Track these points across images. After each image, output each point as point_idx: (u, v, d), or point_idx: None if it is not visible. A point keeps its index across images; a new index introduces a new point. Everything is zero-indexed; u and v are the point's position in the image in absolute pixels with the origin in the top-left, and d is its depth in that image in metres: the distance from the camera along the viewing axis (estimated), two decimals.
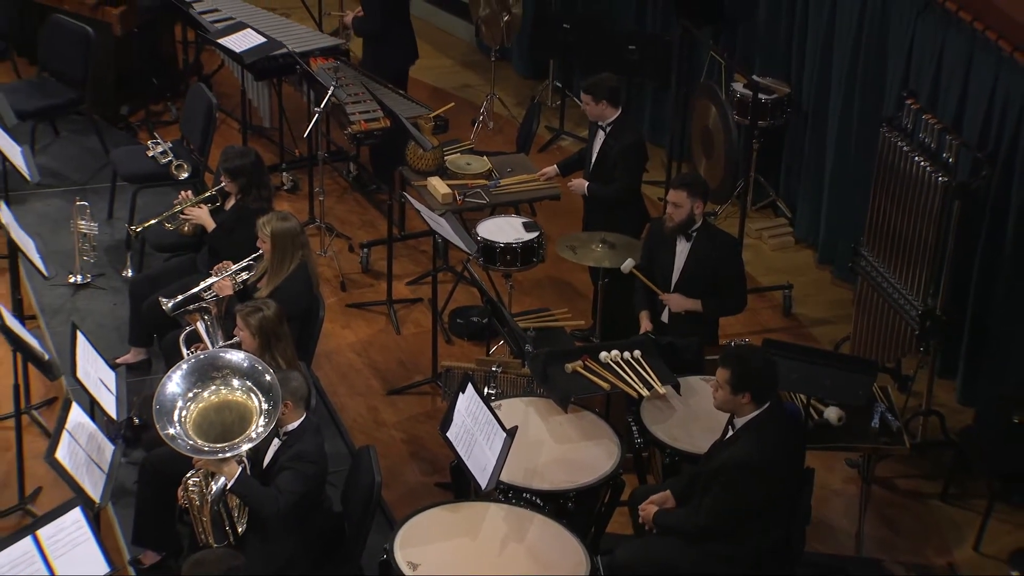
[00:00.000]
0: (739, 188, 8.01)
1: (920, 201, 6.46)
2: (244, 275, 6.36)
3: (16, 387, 6.08)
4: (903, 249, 6.61)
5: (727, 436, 5.37)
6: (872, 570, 6.08)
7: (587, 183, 7.11)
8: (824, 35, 7.69)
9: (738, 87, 7.97)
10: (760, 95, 7.74)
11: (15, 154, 7.09)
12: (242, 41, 8.11)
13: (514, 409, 5.88)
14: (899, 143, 6.55)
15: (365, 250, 7.98)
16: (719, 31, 8.43)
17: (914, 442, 6.52)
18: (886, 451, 6.08)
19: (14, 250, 6.54)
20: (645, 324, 6.51)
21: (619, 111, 7.02)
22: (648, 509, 5.41)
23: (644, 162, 7.17)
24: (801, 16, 7.89)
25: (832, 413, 5.97)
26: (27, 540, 4.79)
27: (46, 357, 5.98)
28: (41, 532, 4.83)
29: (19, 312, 6.59)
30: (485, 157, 7.66)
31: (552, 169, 7.43)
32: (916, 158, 6.46)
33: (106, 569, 4.91)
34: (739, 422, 5.31)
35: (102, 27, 8.53)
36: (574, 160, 7.44)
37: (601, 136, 7.07)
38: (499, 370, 6.38)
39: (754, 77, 7.79)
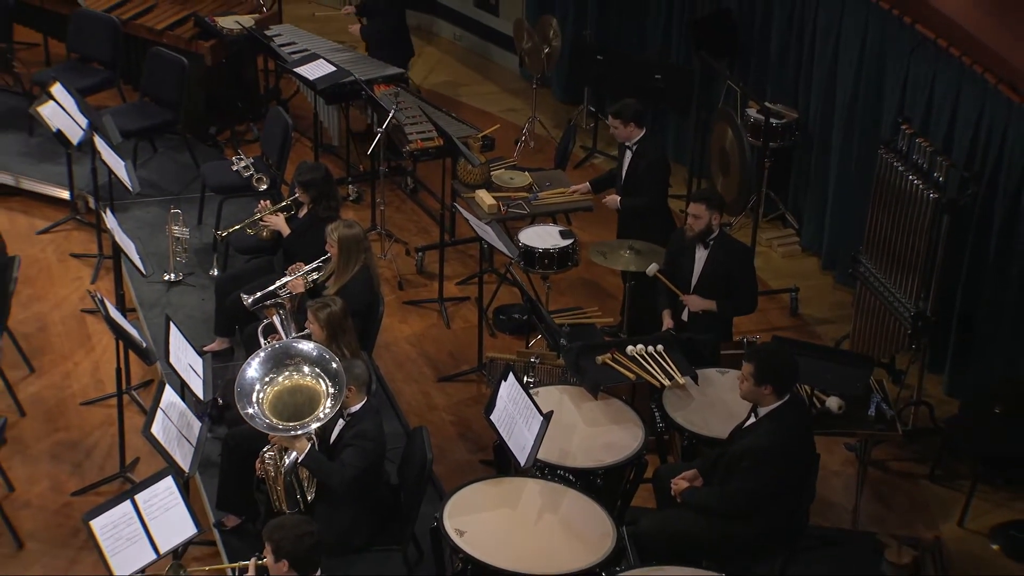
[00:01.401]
0: (752, 202, 7.97)
1: (913, 215, 6.42)
2: (314, 275, 6.40)
3: (118, 371, 6.15)
4: (898, 258, 6.56)
5: (748, 423, 5.33)
6: (867, 542, 6.04)
7: (619, 198, 7.10)
8: (829, 67, 7.64)
9: (752, 112, 7.93)
10: (771, 120, 7.70)
11: (119, 168, 7.16)
12: (315, 70, 8.15)
13: (550, 396, 5.89)
14: (895, 163, 6.51)
15: (420, 254, 7.99)
16: (735, 63, 8.40)
17: (906, 429, 6.46)
18: (881, 436, 6.04)
19: (117, 251, 6.62)
20: (667, 322, 6.49)
21: (643, 131, 6.99)
22: (679, 484, 5.38)
23: (668, 175, 7.14)
24: (808, 50, 7.84)
25: (833, 402, 5.93)
26: (127, 503, 4.88)
27: (144, 345, 6.03)
28: (138, 497, 4.91)
29: (121, 305, 6.66)
30: (527, 172, 7.66)
31: (584, 186, 7.42)
32: (910, 177, 6.42)
33: (194, 530, 4.98)
34: (762, 411, 5.27)
35: (195, 58, 8.62)
36: (605, 178, 7.42)
37: (628, 155, 7.05)
38: (537, 361, 6.40)
39: (766, 104, 7.75)
